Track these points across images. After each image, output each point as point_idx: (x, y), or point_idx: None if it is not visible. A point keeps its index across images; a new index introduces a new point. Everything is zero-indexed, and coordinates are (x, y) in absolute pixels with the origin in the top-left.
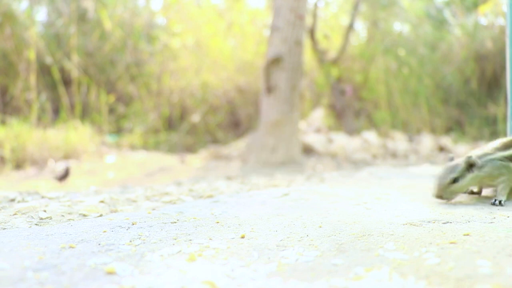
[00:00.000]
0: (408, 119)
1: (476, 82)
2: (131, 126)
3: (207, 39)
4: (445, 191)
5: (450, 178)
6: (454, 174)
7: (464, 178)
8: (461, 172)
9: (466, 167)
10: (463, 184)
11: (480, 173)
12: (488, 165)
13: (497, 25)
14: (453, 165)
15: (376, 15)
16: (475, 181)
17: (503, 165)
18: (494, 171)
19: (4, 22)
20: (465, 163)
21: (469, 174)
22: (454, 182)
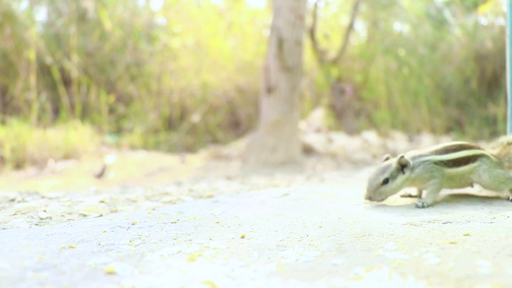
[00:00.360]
0: (408, 119)
1: (476, 82)
2: (131, 126)
3: (207, 39)
4: (375, 192)
5: (380, 179)
6: (384, 175)
7: (395, 180)
8: (392, 173)
9: (398, 168)
10: (394, 186)
11: (412, 174)
12: (420, 166)
13: (497, 25)
14: (385, 166)
15: (376, 15)
16: (407, 183)
17: (435, 168)
18: (425, 173)
19: (4, 22)
20: (397, 163)
21: (400, 175)
22: (385, 183)
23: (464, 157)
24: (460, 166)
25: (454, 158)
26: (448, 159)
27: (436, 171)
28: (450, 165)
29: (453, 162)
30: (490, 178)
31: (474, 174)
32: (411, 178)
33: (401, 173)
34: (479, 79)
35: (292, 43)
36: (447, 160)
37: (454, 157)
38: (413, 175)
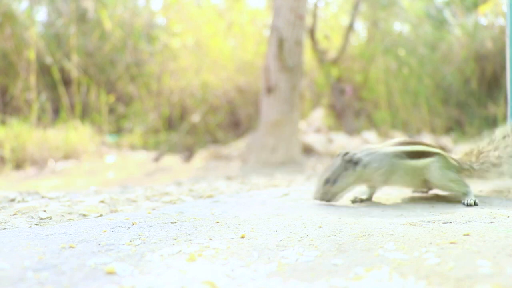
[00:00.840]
0: (408, 119)
1: (476, 82)
2: (131, 126)
3: (207, 39)
4: (323, 192)
5: (326, 178)
6: (329, 174)
7: (344, 177)
8: (340, 170)
9: (345, 165)
10: (343, 184)
11: (365, 170)
12: (373, 161)
13: (497, 25)
14: (333, 163)
15: (376, 15)
16: (359, 180)
17: (390, 159)
18: (379, 167)
19: (4, 22)
20: (343, 160)
21: (349, 173)
22: (333, 182)
23: (420, 151)
24: (416, 159)
25: (410, 150)
26: (403, 151)
27: (391, 163)
28: (407, 158)
29: (409, 154)
30: (441, 176)
31: (427, 169)
32: (363, 174)
33: (347, 170)
34: (479, 79)
35: (292, 43)
36: (402, 152)
37: (410, 150)
38: (366, 170)
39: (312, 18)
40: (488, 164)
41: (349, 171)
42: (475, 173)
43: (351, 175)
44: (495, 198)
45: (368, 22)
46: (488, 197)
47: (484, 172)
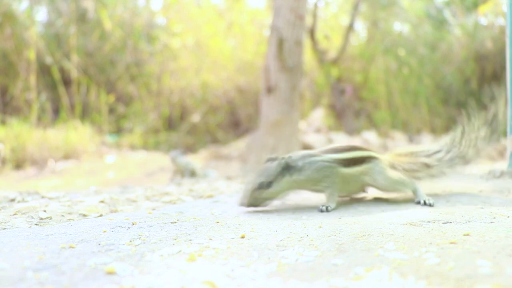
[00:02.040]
0: (408, 119)
1: (476, 82)
2: (131, 126)
3: (207, 39)
4: (253, 197)
5: (256, 184)
6: (261, 179)
7: (278, 182)
8: (274, 175)
9: (281, 170)
10: (277, 189)
11: (300, 176)
12: (309, 167)
13: (497, 25)
14: (266, 168)
15: (376, 15)
16: (294, 186)
17: (328, 166)
18: (316, 173)
19: (4, 22)
20: (279, 165)
21: (284, 178)
22: (266, 187)
23: (357, 157)
24: (354, 166)
25: (348, 157)
26: (341, 158)
27: (327, 170)
28: (344, 165)
29: (347, 162)
30: (385, 179)
31: (368, 175)
32: (297, 180)
33: (281, 175)
34: (479, 79)
35: (292, 43)
36: (340, 160)
37: (347, 157)
38: (299, 176)
39: (312, 18)
40: (419, 165)
41: (286, 176)
42: (406, 174)
43: (287, 181)
44: (495, 198)
45: (368, 22)
46: (488, 197)
47: (414, 172)
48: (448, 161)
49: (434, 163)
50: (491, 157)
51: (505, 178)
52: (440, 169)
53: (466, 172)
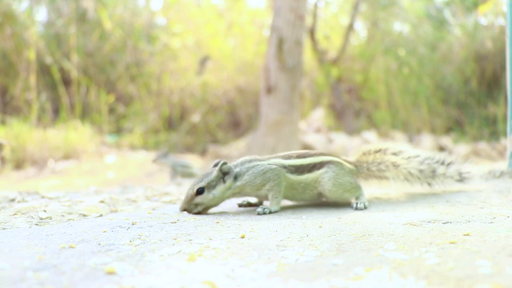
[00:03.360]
0: (408, 119)
1: (476, 82)
2: (131, 126)
3: (207, 39)
4: (191, 204)
5: (195, 189)
6: (200, 184)
7: (214, 189)
8: (211, 181)
9: (218, 176)
10: (212, 196)
11: (237, 182)
12: (249, 172)
13: (497, 25)
14: (205, 173)
15: (376, 15)
16: (232, 192)
17: (270, 169)
18: (256, 179)
19: (4, 22)
20: (218, 171)
21: (221, 184)
22: (201, 193)
23: (308, 163)
24: (303, 173)
25: (297, 164)
26: (290, 164)
27: (269, 173)
28: (293, 171)
29: (295, 168)
30: (333, 186)
31: (318, 182)
32: (237, 186)
33: (221, 181)
34: (479, 79)
35: (292, 43)
36: (288, 165)
37: (297, 163)
38: (239, 182)
39: (312, 18)
40: (387, 163)
41: (226, 183)
42: (373, 174)
43: (225, 187)
44: (495, 198)
45: (368, 22)
46: (488, 197)
47: (382, 172)
48: (419, 164)
49: (401, 162)
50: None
51: (505, 178)
52: (408, 170)
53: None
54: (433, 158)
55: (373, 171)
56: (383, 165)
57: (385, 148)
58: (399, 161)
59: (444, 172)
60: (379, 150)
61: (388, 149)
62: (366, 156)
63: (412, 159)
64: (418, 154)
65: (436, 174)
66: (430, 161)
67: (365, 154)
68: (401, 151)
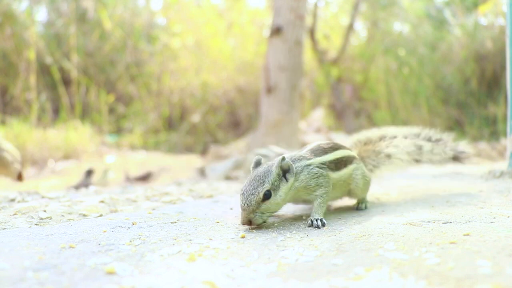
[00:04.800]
0: (408, 119)
1: (476, 82)
2: (131, 126)
3: (207, 39)
4: (258, 211)
5: (261, 193)
6: (265, 186)
7: (280, 190)
8: (275, 180)
9: (279, 174)
10: (278, 199)
11: (296, 182)
12: (303, 172)
13: (497, 25)
14: (261, 173)
15: (376, 15)
16: (292, 194)
17: (321, 173)
18: (311, 181)
19: (4, 22)
20: (278, 167)
21: (284, 184)
22: (270, 197)
23: (342, 157)
24: (341, 169)
25: (334, 159)
26: (329, 160)
27: (321, 177)
28: (332, 168)
29: (334, 164)
30: (364, 184)
31: (352, 179)
32: (296, 187)
33: (284, 180)
34: (479, 79)
35: (292, 43)
36: (329, 162)
37: (334, 158)
38: (297, 183)
39: (312, 18)
40: (381, 156)
41: (289, 182)
42: (368, 167)
43: (288, 187)
44: (495, 198)
45: (368, 22)
46: (488, 197)
47: (377, 166)
48: (408, 147)
49: (393, 152)
50: (491, 157)
51: (505, 178)
52: (399, 157)
53: (466, 172)
54: (419, 135)
55: (368, 165)
56: (378, 159)
57: (373, 137)
58: (391, 151)
59: (431, 149)
60: (370, 142)
61: (376, 139)
62: (367, 146)
63: (400, 144)
64: (406, 136)
65: (422, 151)
66: (417, 139)
67: (357, 146)
68: (387, 136)
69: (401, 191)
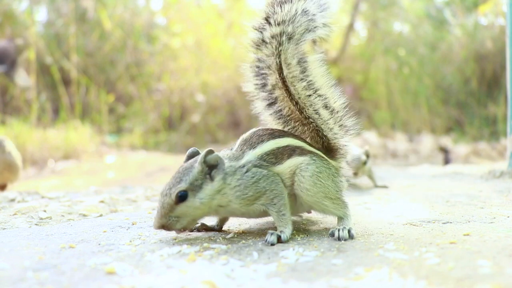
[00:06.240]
0: (408, 119)
1: (476, 82)
2: (131, 126)
3: (207, 39)
4: (171, 215)
5: (173, 194)
6: (181, 185)
7: (200, 191)
8: (195, 179)
9: (203, 170)
10: (197, 202)
11: (227, 187)
12: (236, 175)
13: (497, 25)
14: (183, 169)
15: (376, 15)
16: (220, 201)
17: (260, 175)
18: (246, 189)
19: (4, 22)
20: (201, 163)
21: (209, 183)
22: (186, 199)
23: (287, 146)
24: (282, 161)
25: (274, 148)
26: (266, 151)
27: (263, 180)
28: (273, 162)
29: (274, 155)
30: (319, 189)
31: (296, 176)
32: (226, 194)
33: (208, 179)
34: (479, 79)
35: None
36: (266, 154)
37: (274, 147)
38: (228, 189)
39: None
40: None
41: (215, 181)
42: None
43: (218, 191)
44: (495, 198)
45: (368, 22)
46: (488, 197)
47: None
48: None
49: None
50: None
51: (505, 178)
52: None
53: (466, 172)
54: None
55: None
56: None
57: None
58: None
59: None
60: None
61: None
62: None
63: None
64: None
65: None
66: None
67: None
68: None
69: (401, 191)
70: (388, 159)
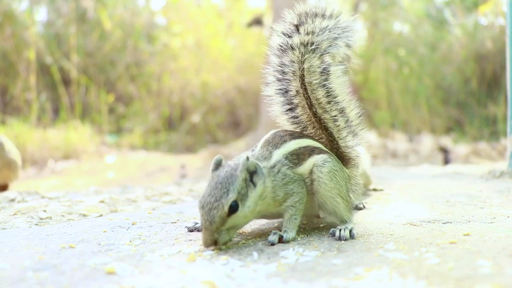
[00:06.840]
0: (408, 119)
1: (476, 82)
2: (131, 126)
3: (207, 39)
4: (222, 229)
5: (225, 206)
6: (232, 195)
7: (247, 199)
8: (241, 187)
9: (246, 179)
10: (247, 211)
11: (268, 184)
12: (270, 177)
13: (497, 25)
14: (224, 179)
15: (376, 15)
16: (263, 205)
17: (291, 177)
18: (279, 189)
19: (4, 22)
20: (243, 170)
21: (252, 190)
22: (237, 210)
23: (307, 146)
24: (303, 162)
25: (297, 148)
26: (290, 151)
27: (291, 183)
28: (295, 162)
29: (296, 156)
30: (336, 188)
31: (313, 174)
32: (265, 196)
33: (251, 186)
34: (479, 79)
35: None
36: (289, 153)
37: (297, 147)
38: (267, 191)
39: None
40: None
41: (257, 187)
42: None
43: (260, 196)
44: (495, 198)
45: (368, 22)
46: (488, 197)
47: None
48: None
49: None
50: (491, 157)
51: (505, 178)
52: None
53: (466, 172)
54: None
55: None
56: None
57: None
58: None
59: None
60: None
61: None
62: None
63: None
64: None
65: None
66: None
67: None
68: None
69: (401, 191)
70: (388, 159)
